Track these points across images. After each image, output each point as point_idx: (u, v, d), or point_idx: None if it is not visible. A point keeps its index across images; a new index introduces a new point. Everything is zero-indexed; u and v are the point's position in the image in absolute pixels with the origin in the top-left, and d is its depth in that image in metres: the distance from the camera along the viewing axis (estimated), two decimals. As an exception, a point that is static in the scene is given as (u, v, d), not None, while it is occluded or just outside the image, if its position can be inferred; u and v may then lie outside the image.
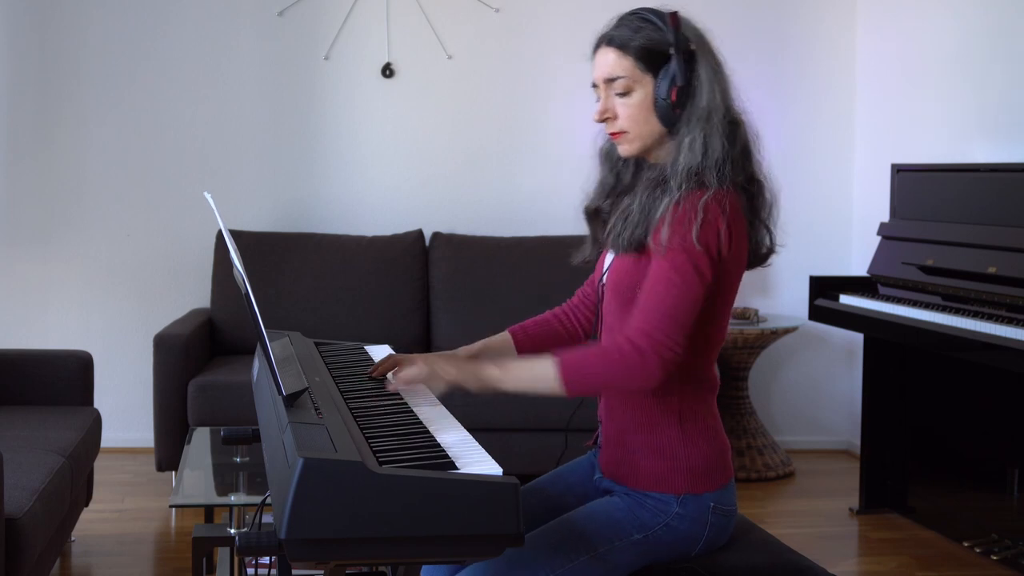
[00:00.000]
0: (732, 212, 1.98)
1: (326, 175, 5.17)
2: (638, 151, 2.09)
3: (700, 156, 1.98)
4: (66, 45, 4.99)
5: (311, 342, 2.55)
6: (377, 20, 5.13)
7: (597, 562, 2.01)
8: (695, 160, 1.98)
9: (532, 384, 1.98)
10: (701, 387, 2.08)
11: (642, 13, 2.06)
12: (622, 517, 2.05)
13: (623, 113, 2.05)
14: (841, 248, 5.34)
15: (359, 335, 4.59)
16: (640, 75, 2.03)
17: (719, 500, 2.08)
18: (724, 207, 1.97)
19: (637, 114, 2.04)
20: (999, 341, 3.39)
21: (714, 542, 2.10)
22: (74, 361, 3.90)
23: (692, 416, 2.06)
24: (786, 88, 5.28)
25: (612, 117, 2.07)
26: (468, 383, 2.02)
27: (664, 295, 1.93)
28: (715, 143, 1.99)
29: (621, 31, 2.05)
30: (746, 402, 4.99)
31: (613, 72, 2.05)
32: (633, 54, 2.03)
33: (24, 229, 5.03)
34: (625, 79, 2.04)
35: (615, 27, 2.07)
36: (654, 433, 2.06)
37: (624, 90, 2.04)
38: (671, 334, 1.91)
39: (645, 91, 2.04)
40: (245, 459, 3.21)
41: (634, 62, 2.03)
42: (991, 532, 3.85)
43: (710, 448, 2.07)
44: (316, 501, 1.49)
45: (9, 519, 2.67)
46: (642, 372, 1.91)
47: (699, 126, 2.00)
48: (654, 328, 1.92)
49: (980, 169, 3.92)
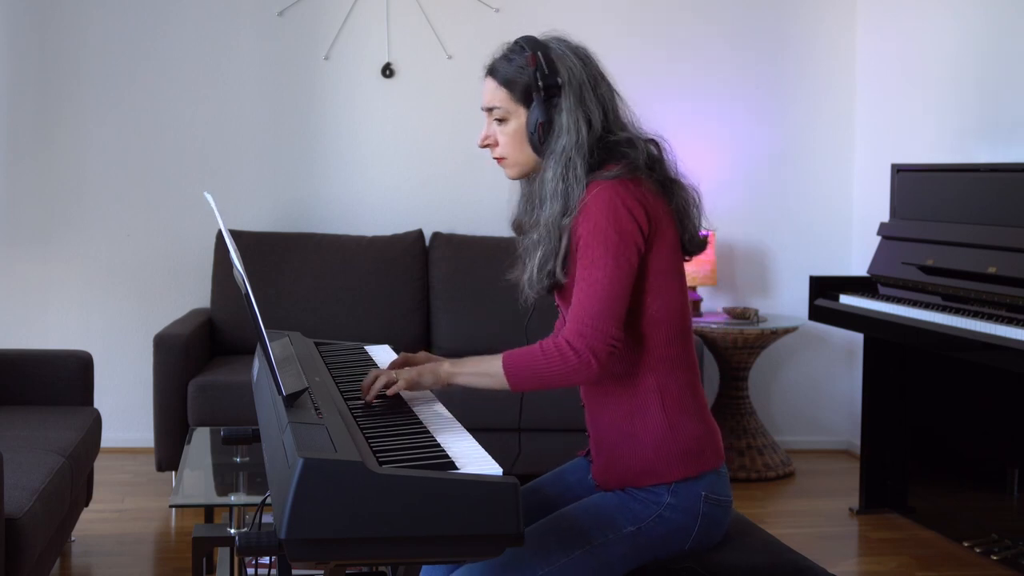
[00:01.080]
0: (635, 192, 2.04)
1: (326, 175, 5.17)
2: (519, 175, 2.23)
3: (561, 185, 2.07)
4: (66, 45, 4.99)
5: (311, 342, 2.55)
6: (377, 20, 5.13)
7: (592, 556, 2.02)
8: (559, 190, 2.08)
9: (481, 378, 2.09)
10: (675, 365, 2.10)
11: (520, 43, 2.14)
12: (614, 511, 2.07)
13: (502, 140, 2.18)
14: (841, 248, 5.34)
15: (359, 335, 4.59)
16: (514, 106, 2.14)
17: (711, 489, 2.09)
18: (623, 189, 2.03)
19: (512, 142, 2.16)
20: (999, 341, 3.39)
21: (709, 535, 2.11)
22: (74, 361, 3.90)
23: (672, 395, 2.09)
24: (786, 88, 5.28)
25: (493, 144, 2.19)
26: (424, 378, 2.11)
27: (588, 292, 2.01)
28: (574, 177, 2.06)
29: (500, 62, 2.15)
30: (746, 402, 4.99)
31: (491, 102, 2.16)
32: (505, 85, 2.14)
33: (24, 229, 5.03)
34: (501, 109, 2.15)
35: (499, 56, 2.16)
36: (639, 420, 2.08)
37: (501, 118, 2.16)
38: (602, 328, 1.99)
39: (519, 121, 2.15)
40: (245, 459, 3.21)
41: (508, 94, 2.14)
42: (991, 532, 3.85)
43: (697, 429, 2.10)
44: (316, 501, 1.49)
45: (9, 519, 2.67)
46: (582, 370, 2.00)
47: (559, 160, 2.08)
48: (585, 327, 2.00)
49: (980, 169, 3.92)
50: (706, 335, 4.79)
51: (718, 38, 5.26)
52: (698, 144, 5.19)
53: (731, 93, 5.25)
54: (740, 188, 5.27)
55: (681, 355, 2.11)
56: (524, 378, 2.04)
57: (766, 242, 5.30)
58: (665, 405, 2.08)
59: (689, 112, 5.22)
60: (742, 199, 5.26)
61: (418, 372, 2.11)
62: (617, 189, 2.03)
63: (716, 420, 5.04)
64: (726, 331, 4.76)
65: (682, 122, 5.18)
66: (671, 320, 2.09)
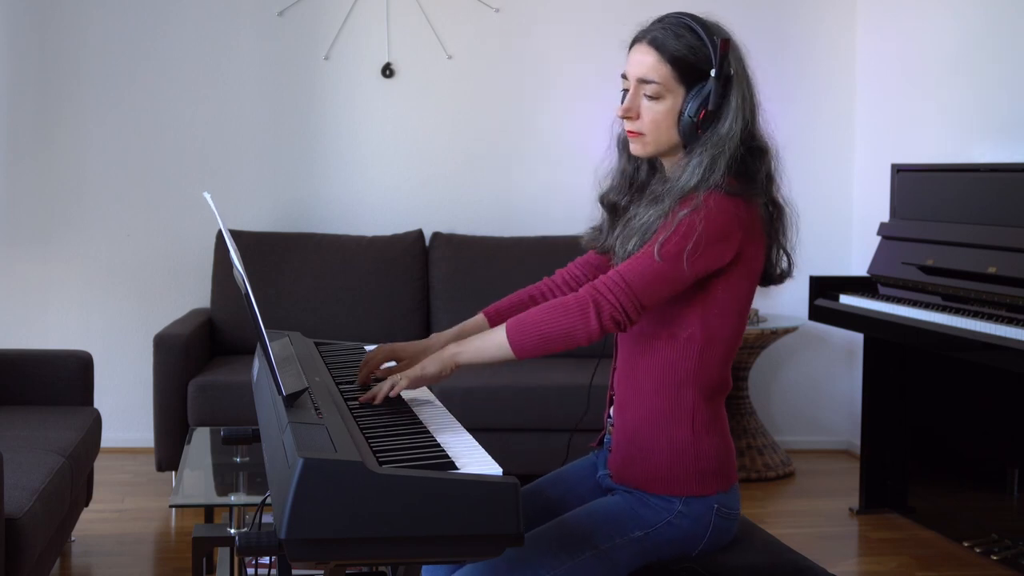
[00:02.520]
0: (739, 216, 2.00)
1: (326, 175, 5.17)
2: (650, 154, 2.10)
3: (698, 178, 2.00)
4: (66, 45, 4.99)
5: (311, 342, 2.55)
6: (377, 20, 5.13)
7: (599, 560, 2.01)
8: (692, 181, 2.00)
9: (485, 350, 2.01)
10: (715, 388, 2.09)
11: (687, 21, 2.04)
12: (624, 514, 2.06)
13: (647, 116, 2.06)
14: (841, 248, 5.34)
15: (359, 335, 4.59)
16: (674, 85, 2.03)
17: (723, 502, 2.08)
18: (731, 212, 1.99)
19: (661, 121, 2.05)
20: (999, 341, 3.39)
21: (715, 544, 2.10)
22: (74, 361, 3.90)
23: (704, 416, 2.07)
24: (786, 88, 5.28)
25: (635, 116, 2.07)
26: (428, 369, 2.04)
27: (632, 263, 1.97)
28: (718, 168, 2.00)
29: (666, 34, 2.03)
30: (746, 402, 4.99)
31: (648, 74, 2.04)
32: (672, 63, 2.02)
33: (24, 229, 5.03)
34: (658, 85, 2.03)
35: (660, 28, 2.05)
36: (667, 429, 2.07)
37: (654, 95, 2.04)
38: (619, 292, 1.95)
39: (675, 101, 2.04)
40: (245, 459, 3.21)
41: (671, 70, 2.02)
42: (991, 532, 3.85)
43: (719, 449, 2.08)
44: (316, 501, 1.49)
45: (9, 519, 2.67)
46: (583, 323, 1.95)
47: (711, 150, 2.01)
48: (603, 283, 1.96)
49: (980, 169, 3.92)
50: (706, 335, 4.79)
51: (718, 38, 5.25)
52: (698, 144, 5.19)
53: (731, 93, 5.25)
54: (740, 188, 5.26)
55: (723, 379, 2.10)
56: (525, 338, 1.98)
57: (766, 242, 5.29)
58: (695, 424, 2.06)
59: (689, 112, 5.22)
60: (742, 199, 5.25)
61: (421, 367, 2.05)
62: (733, 207, 1.99)
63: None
64: (726, 331, 4.75)
65: (682, 122, 5.18)
66: (727, 345, 2.08)
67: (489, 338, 2.03)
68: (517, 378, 4.35)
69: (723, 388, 2.11)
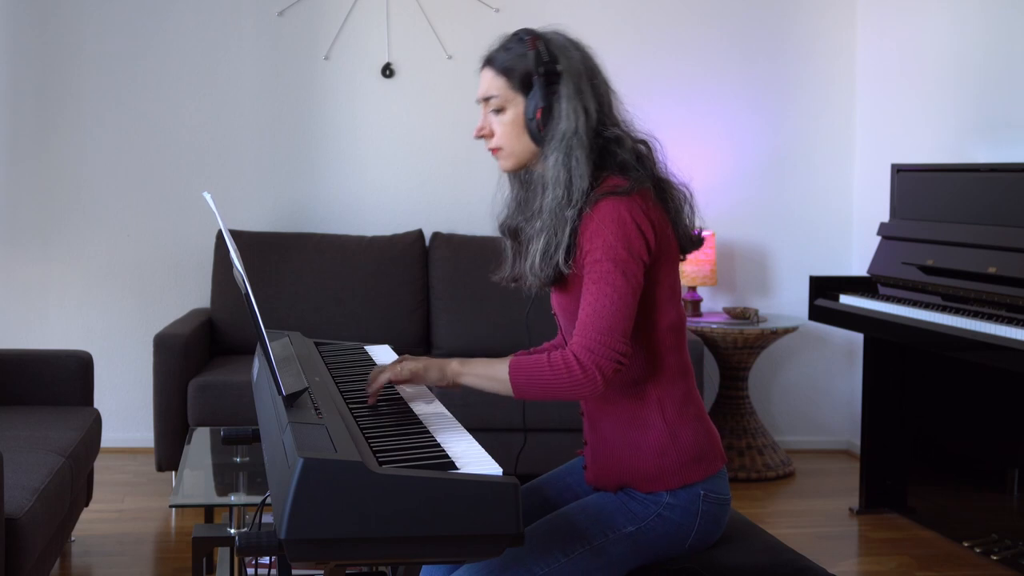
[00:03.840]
0: (644, 208, 2.03)
1: (326, 175, 5.17)
2: (513, 167, 2.18)
3: (565, 177, 2.05)
4: (66, 45, 4.99)
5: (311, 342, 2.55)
6: (377, 20, 5.13)
7: (592, 556, 2.03)
8: (562, 177, 2.05)
9: (486, 382, 2.06)
10: (675, 374, 2.11)
11: (519, 34, 2.16)
12: (614, 510, 2.08)
13: (498, 131, 2.15)
14: (841, 248, 5.34)
15: (359, 335, 4.59)
16: (512, 95, 2.12)
17: (710, 488, 2.10)
18: (633, 206, 2.02)
19: (510, 132, 2.13)
20: (999, 341, 3.39)
21: (708, 532, 2.11)
22: (74, 361, 3.90)
23: (672, 404, 2.09)
24: (786, 88, 5.28)
25: (488, 134, 2.16)
26: (430, 372, 2.09)
27: (597, 307, 1.99)
28: (580, 163, 2.05)
29: (499, 52, 2.15)
30: (746, 402, 4.99)
31: (488, 91, 2.14)
32: (504, 73, 2.12)
33: (24, 229, 5.03)
34: (498, 98, 2.13)
35: (497, 47, 2.16)
36: (640, 430, 2.09)
37: (498, 108, 2.14)
38: (610, 343, 1.97)
39: (516, 110, 2.12)
40: (245, 459, 3.21)
41: (506, 82, 2.12)
42: (991, 532, 3.85)
43: (697, 435, 2.10)
44: (316, 501, 1.49)
45: (9, 519, 2.67)
46: (587, 384, 1.98)
47: (562, 148, 2.06)
48: (592, 341, 1.98)
49: (980, 169, 3.92)
50: (706, 335, 4.79)
51: (718, 38, 5.26)
52: (698, 144, 5.19)
53: (731, 93, 5.25)
54: (740, 188, 5.26)
55: (679, 364, 2.12)
56: (528, 388, 2.02)
57: (766, 242, 5.30)
58: (666, 415, 2.09)
59: (689, 112, 5.22)
60: (742, 199, 5.26)
61: (424, 366, 2.09)
62: (627, 205, 2.01)
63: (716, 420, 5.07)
64: (726, 331, 4.76)
65: (682, 122, 5.18)
66: (673, 331, 2.11)
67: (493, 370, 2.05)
68: (517, 378, 4.35)
69: (684, 373, 2.13)
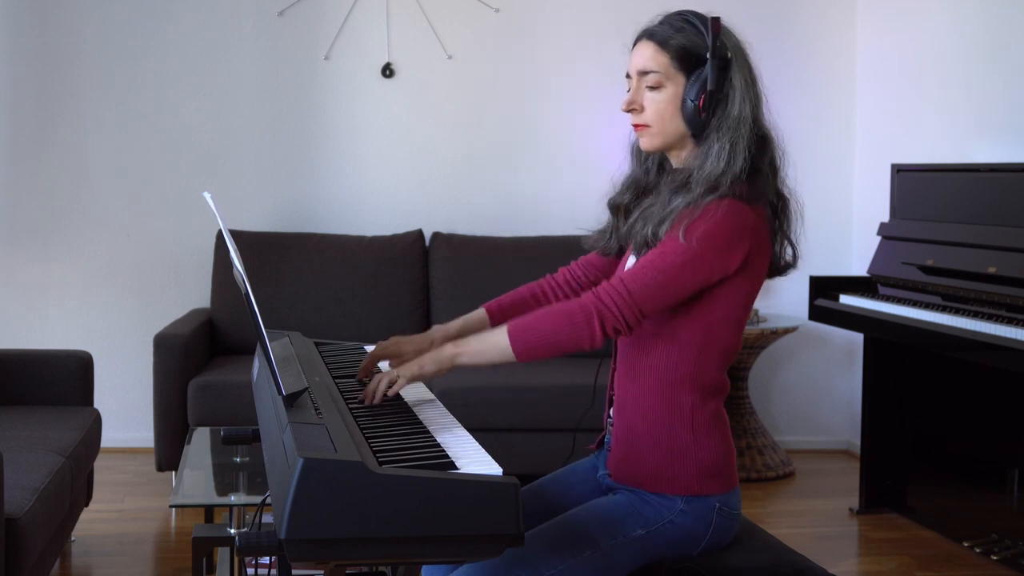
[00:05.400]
0: (748, 225, 2.01)
1: (326, 175, 5.17)
2: (658, 147, 2.12)
3: (724, 164, 2.01)
4: (66, 45, 4.99)
5: (311, 342, 2.55)
6: (377, 20, 5.13)
7: (600, 558, 2.01)
8: (719, 167, 2.01)
9: (485, 353, 2.03)
10: (713, 389, 2.09)
11: (686, 15, 2.10)
12: (624, 513, 2.06)
13: (650, 107, 2.08)
14: (841, 248, 5.34)
15: (359, 335, 4.59)
16: (673, 73, 2.06)
17: (724, 502, 2.09)
18: (741, 221, 2.00)
19: (664, 110, 2.07)
20: (999, 341, 3.39)
21: (717, 543, 2.10)
22: (74, 361, 3.90)
23: (704, 416, 2.08)
24: (786, 88, 5.28)
25: (638, 109, 2.10)
26: (426, 368, 2.06)
27: (644, 270, 1.98)
28: (739, 154, 2.02)
29: (663, 28, 2.09)
30: (746, 402, 4.99)
31: (648, 65, 2.07)
32: (670, 51, 2.06)
33: (24, 229, 5.03)
34: (658, 74, 2.07)
35: (658, 24, 2.10)
36: (667, 428, 2.07)
37: (655, 84, 2.07)
38: (627, 300, 1.96)
39: (675, 89, 2.07)
40: (245, 459, 3.21)
41: (670, 59, 2.06)
42: (991, 532, 3.85)
43: (719, 451, 2.09)
44: (316, 501, 1.49)
45: (9, 519, 2.67)
46: (587, 331, 1.97)
47: (728, 135, 2.03)
48: (613, 290, 1.97)
49: (980, 169, 3.92)
50: (706, 335, 4.79)
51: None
52: (698, 144, 5.19)
53: (731, 93, 5.25)
54: (740, 188, 5.26)
55: (719, 382, 2.10)
56: (528, 341, 1.99)
57: (766, 242, 5.29)
58: (695, 424, 2.07)
59: (689, 112, 5.22)
60: (742, 199, 5.25)
61: (419, 365, 2.06)
62: (745, 212, 2.00)
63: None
64: (726, 331, 4.75)
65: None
66: (727, 348, 2.09)
67: (489, 340, 2.04)
68: (517, 378, 4.35)
69: (721, 390, 2.11)
